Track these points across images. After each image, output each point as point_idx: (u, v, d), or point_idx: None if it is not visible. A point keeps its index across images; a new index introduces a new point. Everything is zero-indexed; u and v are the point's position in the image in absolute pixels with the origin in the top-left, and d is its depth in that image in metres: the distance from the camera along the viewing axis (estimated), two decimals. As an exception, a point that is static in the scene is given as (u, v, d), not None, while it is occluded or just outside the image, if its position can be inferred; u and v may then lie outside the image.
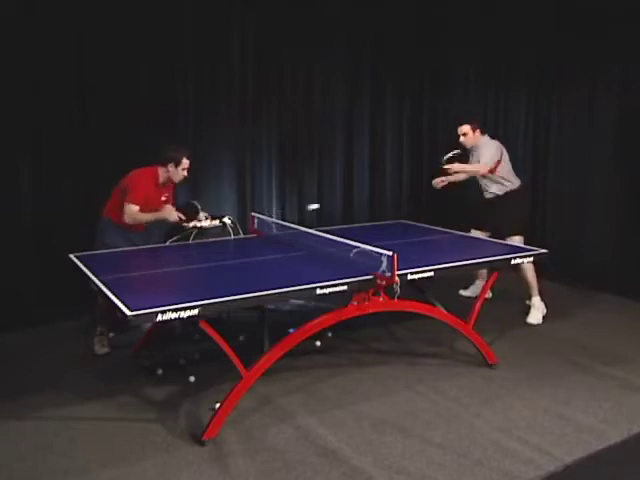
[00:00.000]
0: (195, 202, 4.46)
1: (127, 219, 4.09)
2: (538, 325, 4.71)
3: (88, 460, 2.89)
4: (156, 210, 4.19)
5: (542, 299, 4.85)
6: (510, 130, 6.26)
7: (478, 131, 4.85)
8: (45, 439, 3.08)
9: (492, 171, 4.75)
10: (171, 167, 4.18)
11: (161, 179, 4.22)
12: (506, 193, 4.85)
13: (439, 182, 5.07)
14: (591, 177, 5.62)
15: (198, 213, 4.35)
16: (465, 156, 4.96)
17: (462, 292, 5.42)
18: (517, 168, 6.13)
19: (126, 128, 4.98)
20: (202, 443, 3.00)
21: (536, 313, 4.81)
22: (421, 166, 6.92)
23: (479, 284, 5.23)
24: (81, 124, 4.87)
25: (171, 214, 4.19)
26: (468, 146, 4.90)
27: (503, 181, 4.83)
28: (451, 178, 4.99)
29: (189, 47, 5.29)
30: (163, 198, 4.30)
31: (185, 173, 4.26)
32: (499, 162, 4.76)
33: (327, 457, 2.90)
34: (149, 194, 4.16)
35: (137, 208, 4.08)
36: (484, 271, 4.93)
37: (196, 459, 2.89)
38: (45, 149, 4.76)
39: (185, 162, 4.21)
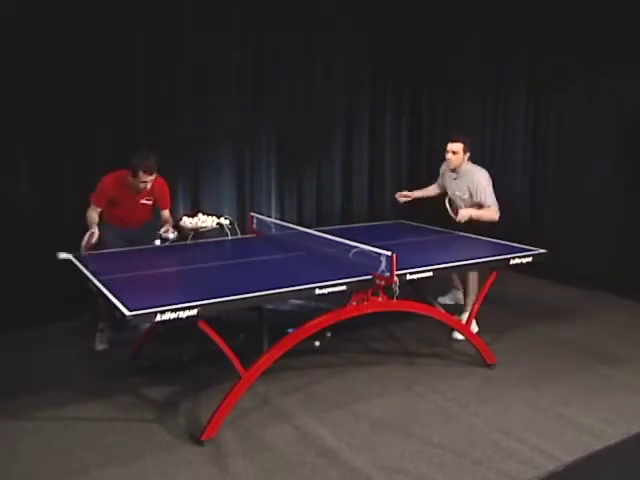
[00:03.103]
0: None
1: None
2: (538, 323, 4.71)
3: (88, 460, 2.89)
4: (133, 212, 4.22)
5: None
6: (509, 130, 6.26)
7: (467, 154, 4.60)
8: (44, 439, 3.08)
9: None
10: (130, 175, 4.06)
11: (129, 183, 4.11)
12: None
13: (402, 197, 5.13)
14: (591, 177, 5.61)
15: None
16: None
17: (440, 299, 4.94)
18: (517, 168, 6.20)
19: (125, 127, 4.98)
20: (201, 443, 3.00)
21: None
22: (420, 166, 6.92)
23: (456, 292, 5.07)
24: (80, 123, 4.87)
25: (95, 234, 4.02)
26: (452, 166, 4.63)
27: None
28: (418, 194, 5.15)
29: (189, 46, 5.28)
30: (144, 201, 4.22)
31: (146, 186, 4.07)
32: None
33: (326, 457, 2.90)
34: (118, 196, 4.12)
35: (96, 208, 4.11)
36: (457, 280, 4.93)
37: (195, 459, 2.89)
38: (45, 149, 4.76)
39: (142, 176, 3.99)
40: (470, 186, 4.58)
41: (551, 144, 5.94)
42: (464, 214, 4.46)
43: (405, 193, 5.18)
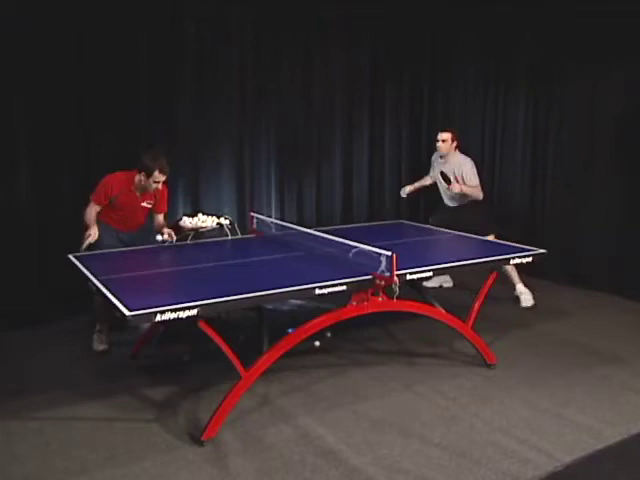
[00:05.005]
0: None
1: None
2: (538, 323, 4.72)
3: (87, 460, 2.89)
4: (134, 215, 4.20)
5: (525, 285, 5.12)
6: (509, 129, 6.26)
7: (455, 143, 5.12)
8: (44, 439, 3.08)
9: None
10: (143, 176, 4.04)
11: (135, 185, 4.11)
12: (469, 202, 5.13)
13: (409, 189, 5.45)
14: (591, 177, 5.61)
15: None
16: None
17: (425, 283, 5.28)
18: (517, 168, 6.20)
19: (125, 127, 4.99)
20: (201, 443, 3.00)
21: (526, 297, 5.07)
22: (420, 166, 6.92)
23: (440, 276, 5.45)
24: (80, 123, 4.87)
25: (93, 235, 3.99)
26: (442, 152, 5.17)
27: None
28: (417, 185, 5.52)
29: (189, 46, 5.29)
30: (145, 204, 4.21)
31: (158, 186, 4.10)
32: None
33: (326, 457, 2.90)
34: (121, 197, 4.10)
35: (96, 207, 4.08)
36: None
37: (195, 459, 2.89)
38: (44, 149, 4.76)
39: (157, 176, 4.01)
40: (456, 170, 5.05)
41: (551, 144, 5.94)
42: (455, 186, 4.97)
43: (409, 187, 5.50)
